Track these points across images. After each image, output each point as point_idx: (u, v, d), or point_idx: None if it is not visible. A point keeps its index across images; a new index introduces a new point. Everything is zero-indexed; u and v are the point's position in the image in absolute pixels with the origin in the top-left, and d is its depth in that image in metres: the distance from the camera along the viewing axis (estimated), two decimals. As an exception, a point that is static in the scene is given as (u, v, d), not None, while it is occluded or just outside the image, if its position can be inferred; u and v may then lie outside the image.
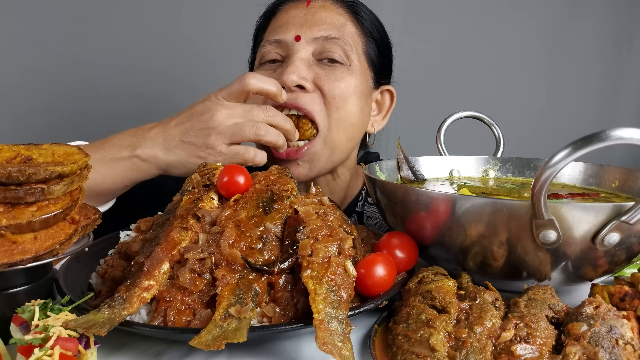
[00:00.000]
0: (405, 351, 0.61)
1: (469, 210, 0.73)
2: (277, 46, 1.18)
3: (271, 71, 1.18)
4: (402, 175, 1.05)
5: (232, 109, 1.03)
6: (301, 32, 1.16)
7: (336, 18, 1.20)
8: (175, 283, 0.69)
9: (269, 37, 1.20)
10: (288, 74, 1.10)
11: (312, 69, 1.14)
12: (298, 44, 1.15)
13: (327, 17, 1.18)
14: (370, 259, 0.74)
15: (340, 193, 1.35)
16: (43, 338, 0.56)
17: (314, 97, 1.13)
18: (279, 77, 1.11)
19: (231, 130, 1.02)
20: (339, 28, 1.18)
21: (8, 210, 0.67)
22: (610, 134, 0.61)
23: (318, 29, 1.16)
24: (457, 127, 1.17)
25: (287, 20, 1.20)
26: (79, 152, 0.76)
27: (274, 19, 1.25)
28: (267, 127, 1.04)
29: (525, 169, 1.13)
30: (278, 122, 1.06)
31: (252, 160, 1.05)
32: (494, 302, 0.69)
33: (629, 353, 0.60)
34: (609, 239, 0.69)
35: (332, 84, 1.13)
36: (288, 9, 1.24)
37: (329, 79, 1.13)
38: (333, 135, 1.16)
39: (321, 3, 1.22)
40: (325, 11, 1.20)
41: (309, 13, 1.19)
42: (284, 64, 1.16)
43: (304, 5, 1.21)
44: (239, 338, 0.59)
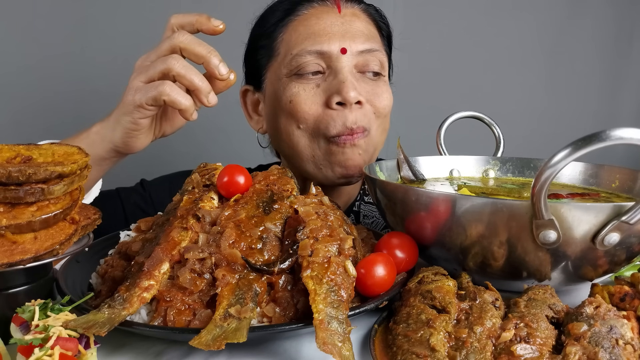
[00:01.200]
0: (405, 351, 0.61)
1: (469, 210, 0.73)
2: (317, 57, 1.14)
3: (313, 84, 1.14)
4: (402, 175, 1.05)
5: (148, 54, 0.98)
6: (345, 44, 1.13)
7: (369, 28, 1.21)
8: (175, 283, 0.69)
9: (307, 46, 1.14)
10: (349, 90, 1.10)
11: (359, 84, 1.15)
12: (344, 57, 1.14)
13: (363, 28, 1.18)
14: (370, 259, 0.74)
15: (345, 197, 1.35)
16: (43, 338, 0.56)
17: (366, 111, 1.15)
18: (334, 92, 1.11)
19: (144, 66, 0.96)
20: (374, 38, 1.20)
21: (8, 210, 0.67)
22: (610, 134, 0.61)
23: (360, 41, 1.15)
24: (457, 127, 1.17)
25: (324, 28, 1.15)
26: (79, 152, 0.76)
27: (300, 23, 1.18)
28: (179, 66, 0.91)
29: (525, 169, 1.13)
30: (191, 78, 0.91)
31: (168, 95, 0.90)
32: (494, 302, 0.69)
33: (629, 353, 0.60)
34: (609, 239, 0.69)
35: (379, 98, 1.17)
36: (318, 13, 1.18)
37: (375, 94, 1.17)
38: (379, 134, 1.21)
39: (352, 10, 1.20)
40: (359, 21, 1.19)
41: (345, 22, 1.17)
42: (328, 76, 1.14)
43: (335, 11, 1.18)
44: (239, 338, 0.59)
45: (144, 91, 0.91)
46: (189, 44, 0.91)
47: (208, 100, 0.91)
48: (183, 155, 1.86)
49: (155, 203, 1.36)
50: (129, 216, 1.32)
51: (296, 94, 1.13)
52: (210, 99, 0.91)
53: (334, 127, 1.12)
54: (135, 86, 0.93)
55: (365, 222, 1.34)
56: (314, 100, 1.13)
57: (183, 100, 0.90)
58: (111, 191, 1.34)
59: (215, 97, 0.92)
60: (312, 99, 1.13)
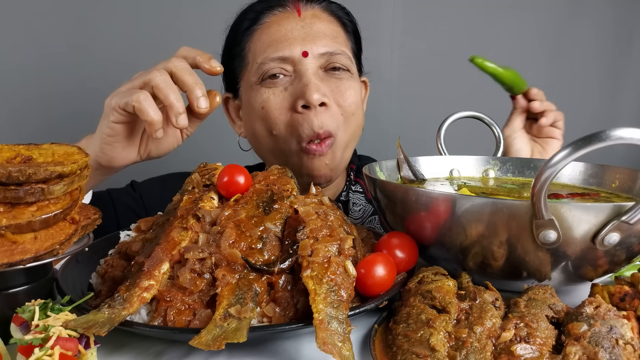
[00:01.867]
0: (405, 351, 0.61)
1: (469, 210, 0.73)
2: (281, 62, 1.17)
3: (281, 88, 1.18)
4: (402, 175, 1.05)
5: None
6: (306, 47, 1.16)
7: (331, 28, 1.23)
8: (175, 283, 0.69)
9: (270, 54, 1.17)
10: (311, 93, 1.13)
11: (324, 83, 1.18)
12: (306, 60, 1.16)
13: (324, 29, 1.20)
14: (370, 259, 0.74)
15: (333, 189, 1.39)
16: (43, 338, 0.56)
17: (333, 112, 1.18)
18: (299, 96, 1.14)
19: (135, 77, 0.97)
20: (336, 38, 1.22)
21: (8, 210, 0.67)
22: (610, 134, 0.61)
23: (322, 43, 1.18)
24: (457, 127, 1.17)
25: (285, 34, 1.18)
26: (79, 152, 0.76)
27: (263, 31, 1.22)
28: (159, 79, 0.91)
29: (525, 169, 1.13)
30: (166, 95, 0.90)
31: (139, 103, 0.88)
32: (494, 302, 0.69)
33: (629, 353, 0.60)
34: (609, 239, 0.69)
35: (344, 95, 1.20)
36: (278, 20, 1.21)
37: (340, 91, 1.19)
38: (347, 138, 1.23)
39: (312, 12, 1.23)
40: (320, 22, 1.21)
41: (306, 25, 1.19)
42: (294, 80, 1.18)
43: (295, 15, 1.20)
44: (239, 338, 0.59)
45: (121, 95, 0.92)
46: (179, 70, 0.92)
47: (177, 120, 0.89)
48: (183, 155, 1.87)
49: (146, 204, 1.38)
50: (120, 217, 1.33)
51: (267, 100, 1.18)
52: (179, 121, 0.89)
53: (302, 131, 1.16)
54: (119, 91, 0.94)
55: (354, 210, 1.38)
56: (283, 105, 1.17)
57: (151, 112, 0.88)
58: (102, 192, 1.34)
59: (185, 120, 0.90)
60: (281, 103, 1.17)
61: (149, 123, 0.89)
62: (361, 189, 1.41)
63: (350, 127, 1.22)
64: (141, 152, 1.04)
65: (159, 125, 0.89)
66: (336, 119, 1.19)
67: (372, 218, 1.39)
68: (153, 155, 1.06)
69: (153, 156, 1.06)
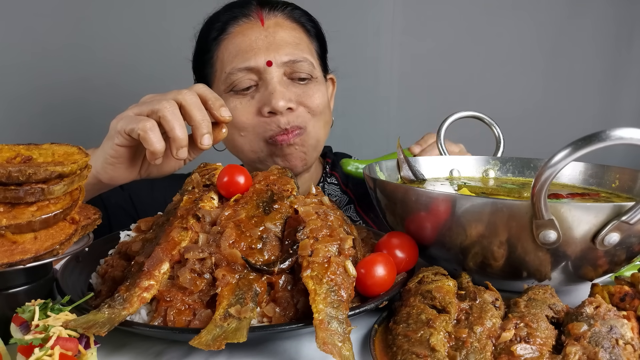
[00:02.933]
0: (405, 351, 0.61)
1: (469, 210, 0.73)
2: (248, 72, 1.22)
3: (248, 97, 1.23)
4: (402, 175, 1.05)
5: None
6: (270, 57, 1.21)
7: (293, 35, 1.27)
8: (175, 283, 0.69)
9: (236, 65, 1.22)
10: (277, 100, 1.19)
11: (290, 89, 1.23)
12: (270, 69, 1.21)
13: (287, 37, 1.25)
14: (370, 259, 0.74)
15: (308, 182, 1.43)
16: (43, 338, 0.56)
17: (299, 113, 1.25)
18: (265, 103, 1.20)
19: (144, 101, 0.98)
20: (299, 45, 1.27)
21: (8, 210, 0.67)
22: (610, 134, 0.61)
23: (284, 52, 1.23)
24: (457, 127, 1.17)
25: (249, 44, 1.22)
26: (79, 152, 0.76)
27: (229, 41, 1.26)
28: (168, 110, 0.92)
29: (525, 169, 1.13)
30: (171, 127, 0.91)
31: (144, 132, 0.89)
32: (494, 302, 0.69)
33: (629, 353, 0.60)
34: (609, 239, 0.69)
35: (311, 99, 1.26)
36: (243, 30, 1.25)
37: (307, 95, 1.26)
38: (317, 130, 1.29)
39: (274, 20, 1.27)
40: (282, 30, 1.25)
41: (269, 34, 1.23)
42: (260, 88, 1.23)
43: (259, 25, 1.24)
44: (239, 338, 0.59)
45: (128, 120, 0.93)
46: (189, 104, 0.93)
47: (177, 153, 0.92)
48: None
49: (135, 203, 1.40)
50: (111, 217, 1.35)
51: (234, 108, 1.23)
52: (180, 154, 0.92)
53: (269, 130, 1.23)
54: (126, 114, 0.95)
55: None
56: (250, 111, 1.23)
57: (155, 142, 0.90)
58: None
59: (185, 154, 0.93)
60: (248, 109, 1.23)
61: (152, 152, 0.91)
62: (336, 181, 1.49)
63: (319, 121, 1.30)
64: (142, 172, 1.06)
65: (161, 154, 0.92)
66: (303, 116, 1.26)
67: (348, 207, 1.47)
68: (153, 176, 1.08)
69: (153, 176, 1.08)
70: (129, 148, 0.97)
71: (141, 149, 0.99)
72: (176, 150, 0.91)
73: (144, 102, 0.96)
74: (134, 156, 1.00)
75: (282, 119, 1.21)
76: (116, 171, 1.00)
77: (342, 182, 1.48)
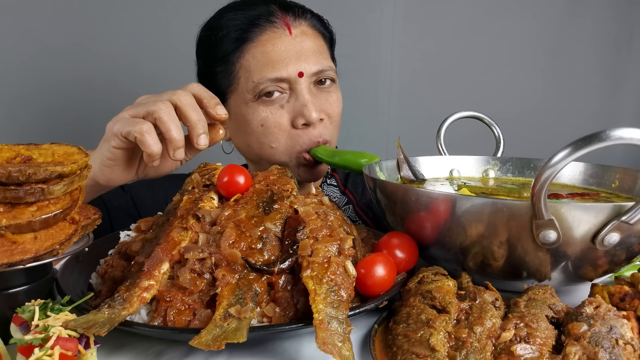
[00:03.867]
0: (405, 351, 0.61)
1: (469, 210, 0.73)
2: (279, 82, 1.21)
3: (277, 106, 1.22)
4: (402, 175, 1.05)
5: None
6: (301, 68, 1.21)
7: (318, 43, 1.27)
8: (175, 283, 0.69)
9: (267, 74, 1.20)
10: (311, 112, 1.20)
11: (317, 98, 1.24)
12: (301, 79, 1.21)
13: (313, 46, 1.25)
14: (370, 259, 0.74)
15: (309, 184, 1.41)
16: (43, 338, 0.56)
17: (325, 123, 1.26)
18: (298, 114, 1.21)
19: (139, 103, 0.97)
20: (323, 54, 1.28)
21: (8, 210, 0.67)
22: (610, 134, 0.61)
23: (313, 61, 1.23)
24: (457, 127, 1.17)
25: (280, 54, 1.21)
26: (79, 152, 0.76)
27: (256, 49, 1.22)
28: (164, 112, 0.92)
29: (525, 169, 1.13)
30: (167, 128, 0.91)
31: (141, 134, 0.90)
32: (494, 302, 0.69)
33: (629, 353, 0.60)
34: (609, 239, 0.69)
35: (332, 107, 1.27)
36: (272, 40, 1.22)
37: (329, 103, 1.26)
38: (334, 142, 1.31)
39: (300, 29, 1.25)
40: (308, 39, 1.25)
41: (296, 43, 1.23)
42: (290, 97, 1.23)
43: (287, 34, 1.23)
44: (239, 338, 0.59)
45: (124, 123, 0.93)
46: (185, 105, 0.93)
47: (174, 154, 0.91)
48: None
49: (137, 204, 1.39)
50: (113, 219, 1.35)
51: (265, 119, 1.22)
52: (177, 155, 0.92)
53: (303, 142, 1.23)
54: (122, 116, 0.95)
55: None
56: (281, 122, 1.23)
57: (152, 144, 0.90)
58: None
59: (182, 154, 0.92)
60: (279, 120, 1.22)
61: (149, 154, 0.91)
62: (335, 183, 1.50)
63: (336, 131, 1.33)
64: (139, 173, 1.06)
65: (158, 156, 0.92)
66: (328, 128, 1.28)
67: (347, 207, 1.48)
68: (151, 177, 1.08)
69: (150, 177, 1.08)
70: (126, 150, 0.97)
71: (138, 150, 0.99)
72: (173, 152, 0.91)
73: (139, 104, 0.95)
74: (130, 158, 1.00)
75: (315, 132, 1.23)
76: (113, 173, 1.00)
77: (342, 183, 1.49)
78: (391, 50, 2.22)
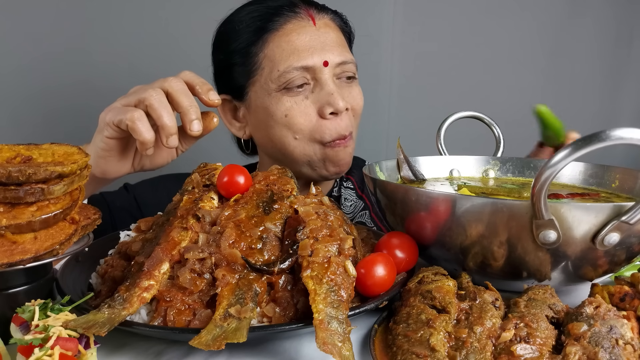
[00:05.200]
0: (405, 351, 0.61)
1: (469, 210, 0.73)
2: (304, 71, 1.20)
3: (302, 97, 1.21)
4: (402, 175, 1.05)
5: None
6: (326, 57, 1.20)
7: (340, 36, 1.28)
8: (175, 283, 0.69)
9: (293, 63, 1.19)
10: (338, 101, 1.19)
11: (341, 90, 1.24)
12: (326, 69, 1.21)
13: (336, 38, 1.26)
14: (370, 259, 0.74)
15: (325, 184, 1.42)
16: (43, 338, 0.56)
17: (350, 115, 1.26)
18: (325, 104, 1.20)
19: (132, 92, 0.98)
20: (345, 47, 1.28)
21: (8, 210, 0.67)
22: (610, 134, 0.61)
23: (338, 52, 1.23)
24: (457, 127, 1.17)
25: (305, 43, 1.20)
26: (79, 152, 0.76)
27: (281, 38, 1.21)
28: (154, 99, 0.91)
29: (525, 169, 1.13)
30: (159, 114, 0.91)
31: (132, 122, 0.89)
32: (494, 302, 0.69)
33: (629, 353, 0.60)
34: (609, 239, 0.69)
35: (356, 100, 1.28)
36: (296, 29, 1.22)
37: (352, 96, 1.27)
38: (355, 136, 1.31)
39: (324, 21, 1.26)
40: (332, 31, 1.26)
41: (321, 34, 1.23)
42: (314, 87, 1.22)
43: (311, 24, 1.23)
44: (239, 338, 0.59)
45: (115, 112, 0.93)
46: (175, 91, 0.92)
47: (167, 141, 0.90)
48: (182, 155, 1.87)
49: (140, 205, 1.39)
50: (116, 220, 1.34)
51: (290, 108, 1.21)
52: (170, 142, 0.90)
53: (329, 135, 1.22)
54: (114, 106, 0.95)
55: (345, 205, 1.41)
56: (307, 112, 1.21)
57: (144, 132, 0.89)
58: (96, 195, 1.34)
59: (175, 142, 0.91)
60: (305, 110, 1.21)
61: (141, 142, 0.90)
62: (352, 185, 1.46)
63: (357, 124, 1.32)
64: (135, 164, 1.05)
65: (151, 144, 0.91)
66: (352, 120, 1.27)
67: (363, 213, 1.44)
68: (147, 168, 1.07)
69: (147, 169, 1.08)
70: (120, 140, 0.97)
71: (132, 140, 0.99)
72: (166, 139, 0.90)
73: (131, 93, 0.95)
74: (125, 148, 1.00)
75: (342, 123, 1.22)
76: (108, 164, 1.00)
77: (358, 187, 1.45)
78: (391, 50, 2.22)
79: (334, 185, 1.45)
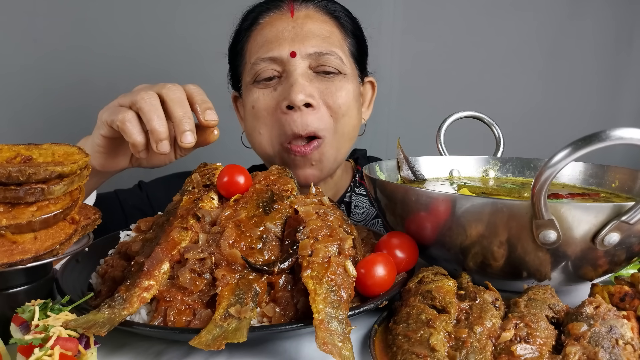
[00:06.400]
0: (405, 351, 0.61)
1: (469, 210, 0.73)
2: (271, 63, 1.17)
3: (271, 89, 1.18)
4: (402, 175, 1.05)
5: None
6: (295, 48, 1.16)
7: (323, 28, 1.21)
8: (175, 283, 0.69)
9: (261, 54, 1.18)
10: (295, 93, 1.11)
11: (313, 84, 1.16)
12: (294, 60, 1.16)
13: (315, 29, 1.19)
14: (370, 259, 0.74)
15: (332, 189, 1.39)
16: (43, 338, 0.56)
17: (321, 114, 1.16)
18: (285, 96, 1.14)
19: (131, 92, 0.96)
20: (328, 39, 1.21)
21: (8, 210, 0.67)
22: (610, 134, 0.61)
23: (310, 43, 1.17)
24: (457, 127, 1.17)
25: (275, 34, 1.18)
26: (79, 152, 0.76)
27: (258, 32, 1.22)
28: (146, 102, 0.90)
29: (525, 169, 1.13)
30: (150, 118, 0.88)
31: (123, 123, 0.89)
32: (494, 302, 0.69)
33: (629, 353, 0.60)
34: (609, 239, 0.69)
35: (334, 96, 1.18)
36: (272, 21, 1.21)
37: (330, 92, 1.18)
38: (338, 138, 1.21)
39: (305, 12, 1.22)
40: (311, 22, 1.20)
41: (297, 25, 1.19)
42: (283, 80, 1.18)
43: (288, 16, 1.20)
44: (239, 338, 0.59)
45: (111, 111, 0.93)
46: (171, 99, 0.90)
47: (157, 147, 0.87)
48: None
49: (153, 204, 1.39)
50: (128, 218, 1.34)
51: (256, 100, 1.18)
52: (160, 147, 0.87)
53: (285, 131, 1.15)
54: (111, 105, 0.95)
55: (356, 212, 1.38)
56: (270, 105, 1.17)
57: (134, 134, 0.88)
58: (110, 193, 1.35)
59: (166, 147, 0.87)
60: (269, 103, 1.17)
61: (132, 144, 0.90)
62: (364, 192, 1.39)
63: (341, 127, 1.20)
64: (132, 161, 1.05)
65: (142, 147, 0.90)
66: (324, 120, 1.17)
67: (375, 221, 1.38)
68: (144, 167, 1.07)
69: (144, 167, 1.07)
70: (114, 138, 0.97)
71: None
72: (155, 144, 0.87)
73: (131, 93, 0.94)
74: (120, 146, 1.00)
75: (299, 121, 1.13)
76: (105, 159, 1.01)
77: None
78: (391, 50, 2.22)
79: (346, 190, 1.40)
